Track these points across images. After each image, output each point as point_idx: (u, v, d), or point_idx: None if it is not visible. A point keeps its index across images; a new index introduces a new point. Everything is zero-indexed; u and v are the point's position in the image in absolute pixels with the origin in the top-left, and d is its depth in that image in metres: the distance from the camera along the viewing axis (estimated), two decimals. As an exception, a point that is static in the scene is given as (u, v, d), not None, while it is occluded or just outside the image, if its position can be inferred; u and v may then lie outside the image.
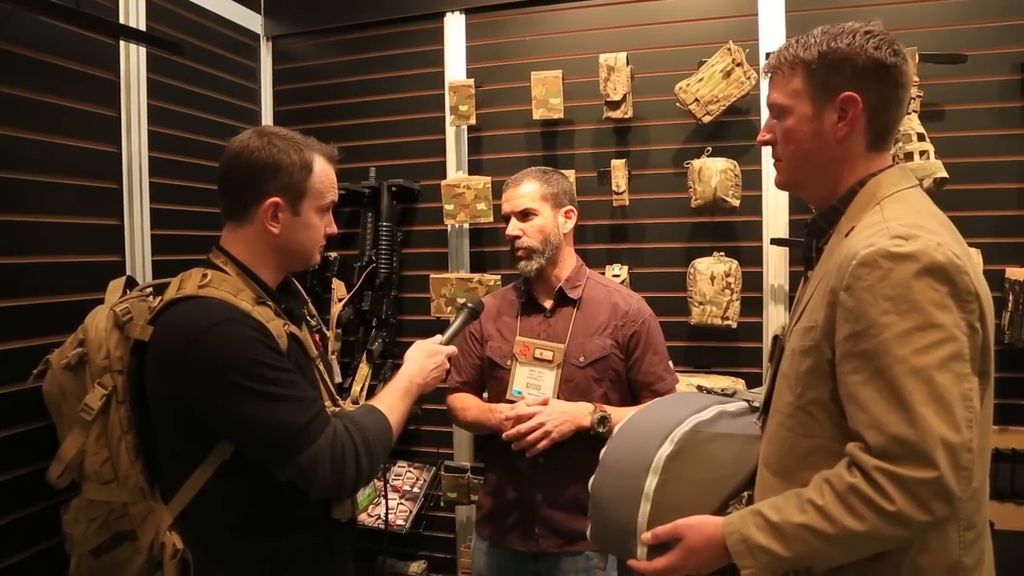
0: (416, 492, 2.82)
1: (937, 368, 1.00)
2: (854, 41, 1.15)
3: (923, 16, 2.33)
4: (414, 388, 1.53)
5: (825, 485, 1.06)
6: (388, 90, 2.92)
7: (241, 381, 1.24)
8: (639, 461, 1.31)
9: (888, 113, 1.18)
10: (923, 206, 1.17)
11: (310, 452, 1.27)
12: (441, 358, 1.61)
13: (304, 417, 1.28)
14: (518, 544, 1.96)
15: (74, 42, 2.05)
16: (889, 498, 0.99)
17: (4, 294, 1.84)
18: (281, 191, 1.37)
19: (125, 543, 1.49)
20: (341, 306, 2.74)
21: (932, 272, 1.02)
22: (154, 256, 2.31)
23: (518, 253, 1.97)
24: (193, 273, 1.37)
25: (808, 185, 1.27)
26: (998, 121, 2.29)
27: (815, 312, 1.14)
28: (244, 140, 1.40)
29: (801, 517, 1.06)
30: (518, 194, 1.98)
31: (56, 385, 1.57)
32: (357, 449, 1.32)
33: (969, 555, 1.10)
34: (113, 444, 1.47)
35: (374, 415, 1.42)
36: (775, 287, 2.48)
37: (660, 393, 1.93)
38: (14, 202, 1.88)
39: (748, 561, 1.11)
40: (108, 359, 1.48)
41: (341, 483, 1.30)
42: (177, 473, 1.36)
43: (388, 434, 1.42)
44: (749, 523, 1.12)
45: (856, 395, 1.05)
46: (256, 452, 1.30)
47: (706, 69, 2.38)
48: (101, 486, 1.49)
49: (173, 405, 1.32)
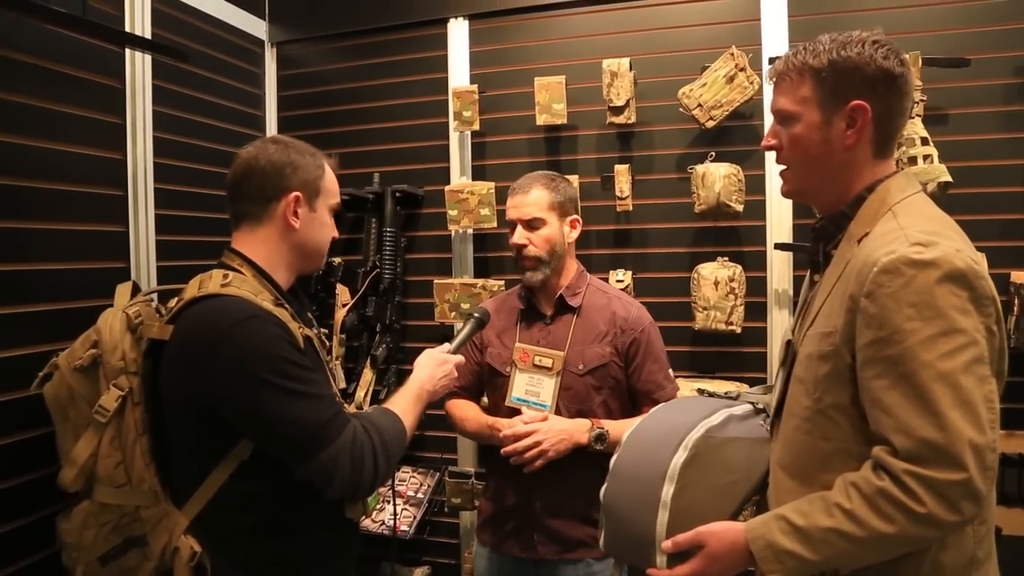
0: (420, 498, 2.81)
1: (962, 372, 1.02)
2: (863, 50, 1.17)
3: (926, 20, 2.33)
4: (424, 395, 1.56)
5: (852, 488, 1.07)
6: (392, 96, 2.92)
7: (267, 377, 1.27)
8: (653, 469, 1.30)
9: (894, 121, 1.21)
10: (933, 212, 1.19)
11: (331, 450, 1.29)
12: (450, 367, 1.64)
13: (325, 415, 1.30)
14: (518, 551, 1.95)
15: (79, 50, 2.06)
16: (920, 500, 1.01)
17: (11, 300, 1.85)
18: (301, 186, 1.45)
19: (134, 549, 1.48)
20: (345, 311, 2.74)
21: (953, 278, 1.04)
22: (159, 262, 2.32)
23: (525, 263, 1.95)
24: (214, 274, 1.39)
25: (815, 193, 1.29)
26: (1002, 125, 2.28)
27: (832, 318, 1.15)
28: (260, 145, 1.48)
29: (828, 521, 1.08)
30: (526, 201, 1.95)
31: (65, 387, 1.55)
32: (375, 449, 1.34)
33: (981, 548, 1.13)
34: (127, 447, 1.46)
35: (390, 417, 1.44)
36: (779, 292, 2.47)
37: (660, 402, 1.87)
38: (20, 209, 1.89)
39: (774, 566, 1.11)
40: (123, 360, 1.47)
41: (359, 483, 1.33)
42: (193, 475, 1.37)
43: (403, 436, 1.45)
44: (774, 528, 1.13)
45: (881, 400, 1.06)
46: (277, 449, 1.31)
47: (709, 74, 2.39)
48: (114, 489, 1.47)
49: (195, 403, 1.33)
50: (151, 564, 1.43)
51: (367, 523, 2.72)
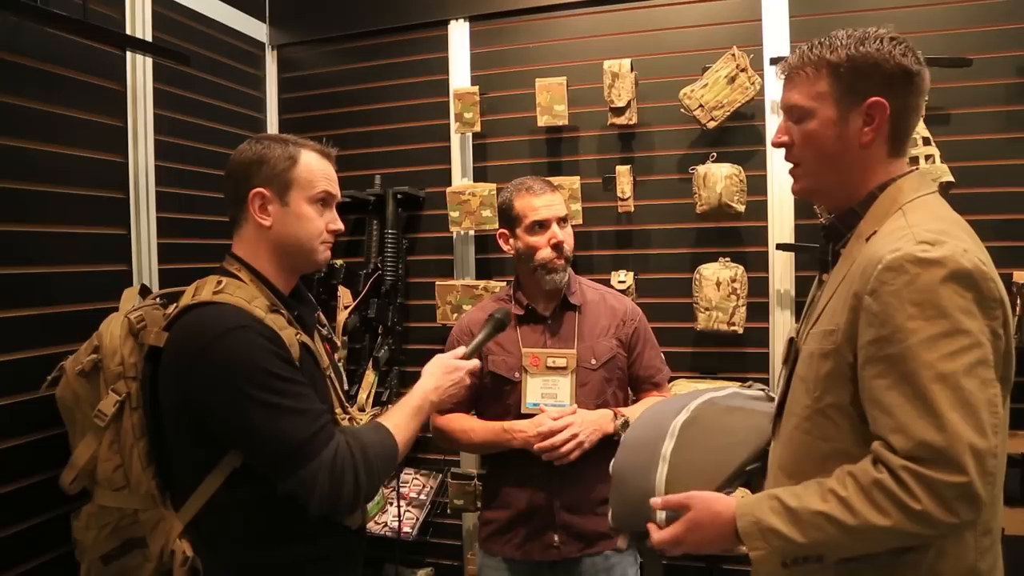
0: (423, 499, 2.81)
1: (964, 374, 1.00)
2: (883, 46, 1.14)
3: (928, 20, 2.33)
4: (427, 406, 1.50)
5: (849, 478, 1.06)
6: (393, 98, 2.92)
7: (248, 389, 1.24)
8: (656, 431, 1.35)
9: (909, 120, 1.19)
10: (945, 212, 1.17)
11: (311, 467, 1.26)
12: (460, 374, 1.57)
13: (308, 431, 1.27)
14: (537, 554, 1.91)
15: (81, 53, 2.06)
16: (916, 497, 0.99)
17: (13, 304, 1.85)
18: (265, 182, 1.39)
19: (135, 550, 1.49)
20: (347, 313, 2.74)
21: (959, 278, 1.02)
22: (161, 265, 2.32)
23: (557, 262, 1.90)
24: (208, 280, 1.38)
25: (828, 191, 1.26)
26: (1003, 125, 2.28)
27: (836, 316, 1.14)
28: (241, 145, 1.45)
29: (821, 505, 1.06)
30: (556, 200, 1.93)
31: (70, 391, 1.58)
32: (357, 467, 1.30)
33: (984, 560, 1.10)
34: (125, 450, 1.48)
35: (379, 433, 1.39)
36: (781, 292, 2.47)
37: (659, 384, 2.05)
38: (22, 212, 1.89)
39: (759, 543, 1.10)
40: (122, 366, 1.48)
41: (339, 500, 1.29)
42: (188, 480, 1.36)
43: (392, 452, 1.39)
44: (764, 506, 1.11)
45: (881, 399, 1.05)
46: (259, 462, 1.30)
47: (710, 75, 2.38)
48: (113, 492, 1.49)
49: (185, 411, 1.33)
50: (151, 565, 1.44)
51: (369, 525, 2.72)
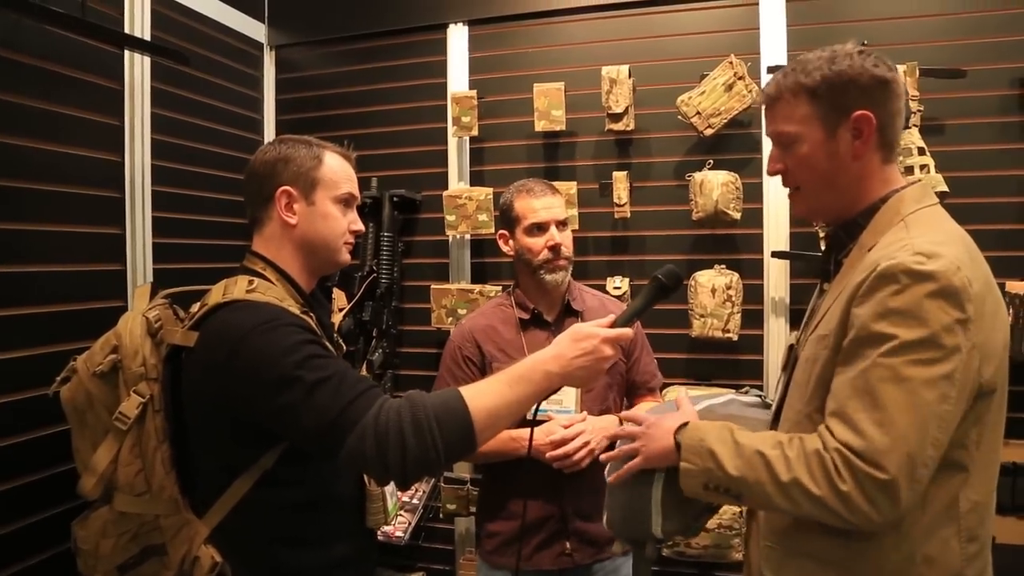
0: (415, 503, 2.80)
1: (924, 383, 1.03)
2: (854, 62, 1.17)
3: (923, 31, 2.34)
4: (538, 376, 1.27)
5: (797, 440, 1.11)
6: (391, 100, 2.92)
7: (293, 372, 1.20)
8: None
9: (895, 124, 1.21)
10: (947, 225, 1.19)
11: (357, 431, 1.18)
12: (593, 342, 1.29)
13: (345, 398, 1.20)
14: (548, 564, 1.90)
15: (79, 51, 2.05)
16: (842, 478, 1.04)
17: (6, 303, 1.84)
18: (291, 180, 1.41)
19: (152, 558, 1.44)
20: (342, 316, 2.72)
21: (947, 295, 1.04)
22: (155, 264, 2.31)
23: (558, 263, 1.91)
24: (239, 279, 1.36)
25: (829, 208, 1.27)
26: (998, 135, 2.30)
27: (831, 322, 1.16)
28: (264, 146, 1.47)
29: (765, 449, 1.12)
30: (556, 202, 1.93)
31: (83, 392, 1.47)
32: (403, 428, 1.18)
33: (971, 567, 1.11)
34: (148, 455, 1.40)
35: (444, 396, 1.25)
36: (776, 300, 2.48)
37: (654, 390, 2.06)
38: (16, 210, 1.88)
39: (694, 458, 1.18)
40: (144, 366, 1.41)
41: (387, 464, 1.18)
42: (215, 483, 1.33)
43: (457, 415, 1.21)
44: (714, 432, 1.19)
45: (837, 387, 1.09)
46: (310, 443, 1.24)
47: (708, 82, 2.39)
48: (134, 498, 1.41)
49: (219, 411, 1.29)
50: (170, 573, 1.40)
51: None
